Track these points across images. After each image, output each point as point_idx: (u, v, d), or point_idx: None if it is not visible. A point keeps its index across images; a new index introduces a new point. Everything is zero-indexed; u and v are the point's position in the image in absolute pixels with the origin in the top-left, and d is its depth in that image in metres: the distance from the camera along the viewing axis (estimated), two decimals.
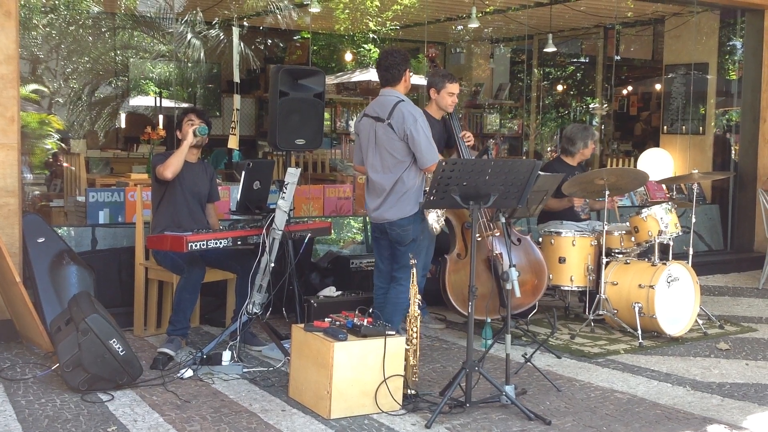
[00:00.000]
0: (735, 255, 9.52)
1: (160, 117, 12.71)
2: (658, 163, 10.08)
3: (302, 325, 4.61)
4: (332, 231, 6.70)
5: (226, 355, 5.08)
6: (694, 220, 6.64)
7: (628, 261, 6.23)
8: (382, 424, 4.26)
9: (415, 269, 4.70)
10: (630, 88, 14.98)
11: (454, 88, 5.75)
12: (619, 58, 13.49)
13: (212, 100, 13.52)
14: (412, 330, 4.60)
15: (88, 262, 5.83)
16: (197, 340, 5.75)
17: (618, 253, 6.42)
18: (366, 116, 5.24)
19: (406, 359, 4.51)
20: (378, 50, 13.26)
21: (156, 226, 5.59)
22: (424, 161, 5.09)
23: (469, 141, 6.07)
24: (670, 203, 6.45)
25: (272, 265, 5.16)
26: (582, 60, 15.40)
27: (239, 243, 5.24)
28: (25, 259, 5.62)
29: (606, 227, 6.16)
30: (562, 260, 6.35)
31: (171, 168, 5.41)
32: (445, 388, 4.53)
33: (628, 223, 6.46)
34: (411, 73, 5.35)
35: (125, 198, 6.56)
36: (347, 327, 4.45)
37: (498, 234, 5.81)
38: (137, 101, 13.92)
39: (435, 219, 5.11)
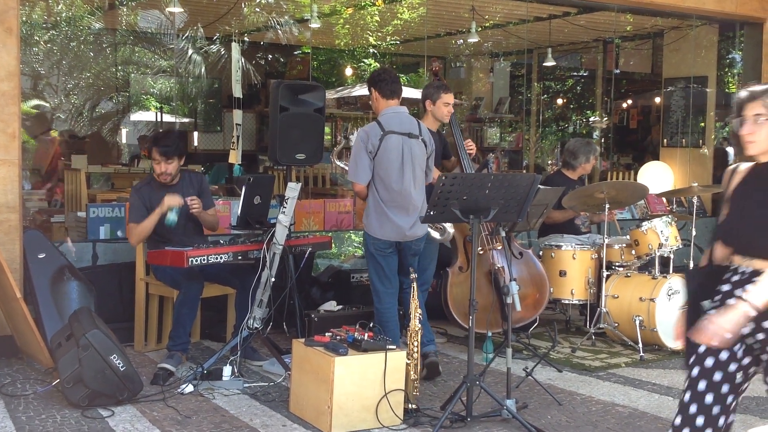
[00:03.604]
0: None
1: None
2: (658, 176, 10.10)
3: (303, 340, 4.61)
4: (333, 245, 6.70)
5: (227, 371, 5.08)
6: (694, 233, 6.64)
7: (629, 274, 6.23)
8: None
9: (415, 283, 4.72)
10: (630, 101, 15.01)
11: (449, 98, 5.76)
12: (618, 71, 13.52)
13: (213, 115, 13.56)
14: (412, 344, 4.60)
15: (89, 277, 5.84)
16: (198, 355, 5.75)
17: (618, 266, 6.42)
18: (393, 133, 5.07)
19: (407, 373, 4.50)
20: (378, 65, 13.30)
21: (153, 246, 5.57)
22: (433, 176, 5.32)
23: (471, 150, 6.06)
24: (670, 216, 6.47)
25: (272, 279, 5.16)
26: (581, 74, 15.45)
27: (240, 258, 5.24)
28: (26, 275, 5.62)
29: (606, 240, 6.17)
30: (562, 273, 6.36)
31: (135, 238, 5.55)
32: (446, 403, 4.52)
33: (628, 237, 6.46)
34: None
35: (126, 213, 6.56)
36: (348, 341, 4.45)
37: (500, 247, 5.82)
38: (138, 116, 13.96)
39: (450, 225, 5.54)
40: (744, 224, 2.89)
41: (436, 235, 5.61)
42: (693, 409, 2.86)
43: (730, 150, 10.78)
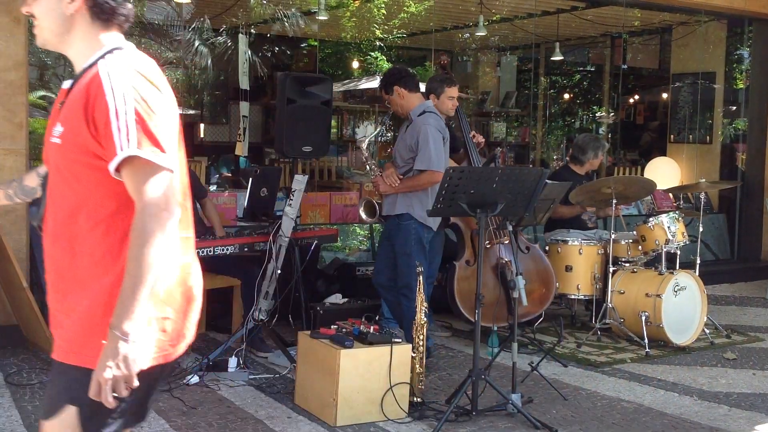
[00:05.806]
0: (742, 264, 9.49)
1: None
2: (666, 172, 10.07)
3: (308, 332, 4.61)
4: (338, 238, 6.70)
5: (232, 362, 5.08)
6: (701, 229, 6.63)
7: (635, 270, 6.22)
8: None
9: (421, 277, 4.71)
10: (637, 97, 14.97)
11: (453, 91, 5.67)
12: (626, 66, 13.49)
13: (219, 107, 13.53)
14: (418, 338, 4.59)
15: None
16: (203, 346, 5.75)
17: (625, 261, 6.40)
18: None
19: (413, 367, 4.50)
20: (384, 58, 13.27)
21: None
22: None
23: (478, 141, 6.02)
24: (677, 212, 6.44)
25: (278, 272, 5.16)
26: (589, 69, 15.40)
27: (246, 249, 5.25)
28: (33, 264, 5.63)
29: (613, 236, 6.15)
30: (568, 269, 6.34)
31: None
32: (452, 396, 4.52)
33: (635, 232, 6.45)
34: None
35: None
36: (353, 334, 4.45)
37: (507, 242, 5.80)
38: None
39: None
40: None
41: (364, 216, 5.68)
42: None
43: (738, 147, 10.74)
